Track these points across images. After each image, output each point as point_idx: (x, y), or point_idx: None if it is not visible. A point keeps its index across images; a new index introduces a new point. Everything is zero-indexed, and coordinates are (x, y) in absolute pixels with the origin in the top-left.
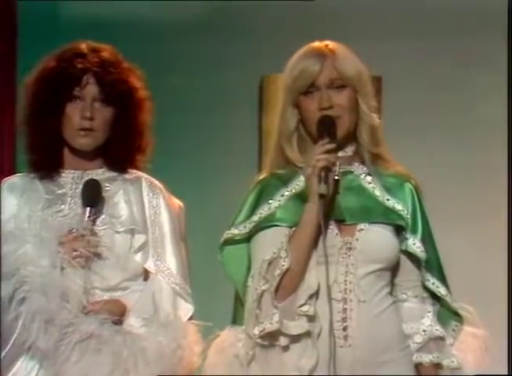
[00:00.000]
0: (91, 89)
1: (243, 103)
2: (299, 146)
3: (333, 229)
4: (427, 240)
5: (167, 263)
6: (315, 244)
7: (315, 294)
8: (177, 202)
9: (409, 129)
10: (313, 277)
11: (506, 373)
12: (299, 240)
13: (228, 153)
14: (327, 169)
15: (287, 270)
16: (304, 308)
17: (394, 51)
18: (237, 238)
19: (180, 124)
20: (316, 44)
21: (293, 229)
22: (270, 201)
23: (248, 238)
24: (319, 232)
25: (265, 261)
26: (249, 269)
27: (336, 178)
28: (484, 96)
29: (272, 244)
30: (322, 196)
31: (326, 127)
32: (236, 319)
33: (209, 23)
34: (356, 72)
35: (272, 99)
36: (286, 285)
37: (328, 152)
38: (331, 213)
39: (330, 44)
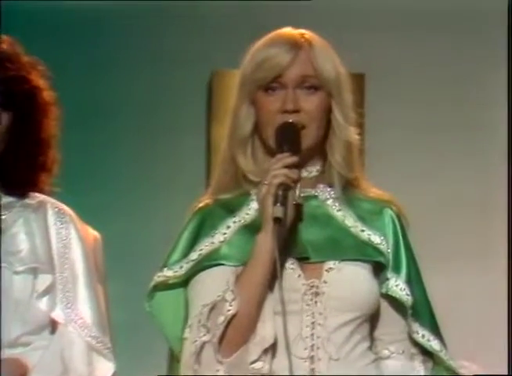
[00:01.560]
0: None
1: (187, 105)
2: (253, 156)
3: (294, 269)
4: (414, 280)
5: (80, 311)
6: (271, 284)
7: (271, 349)
8: (92, 233)
9: (394, 136)
10: (268, 328)
11: (506, 373)
12: (249, 279)
13: (167, 170)
14: (286, 187)
15: (234, 317)
16: (257, 365)
17: (377, 45)
18: (171, 282)
19: (100, 134)
20: (289, 30)
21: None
22: (213, 234)
23: (185, 282)
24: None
25: (205, 305)
26: (186, 320)
27: (296, 202)
28: (482, 99)
29: (215, 287)
30: (277, 220)
31: (288, 136)
32: None
33: (146, 10)
34: (335, 72)
35: (224, 100)
36: (233, 336)
37: (288, 167)
38: (291, 249)
39: (307, 33)
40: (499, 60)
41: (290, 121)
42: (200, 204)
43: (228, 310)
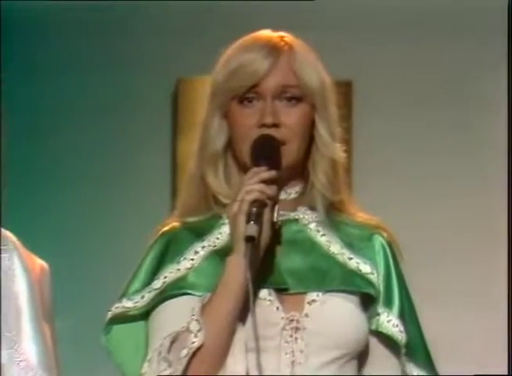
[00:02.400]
0: None
1: (149, 118)
2: (225, 176)
3: (272, 300)
4: (408, 315)
5: (24, 351)
6: (243, 314)
7: None
8: (39, 263)
9: (386, 152)
10: (239, 364)
11: (506, 373)
12: (218, 307)
13: (126, 190)
14: (260, 204)
15: (200, 349)
16: None
17: (367, 48)
18: (131, 313)
19: (48, 150)
20: (267, 32)
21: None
22: (179, 261)
23: (147, 313)
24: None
25: (167, 337)
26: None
27: (275, 220)
28: (481, 108)
29: (180, 319)
30: (250, 239)
31: (266, 150)
32: None
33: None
34: (320, 81)
35: (192, 111)
36: (197, 371)
37: (264, 182)
38: (268, 278)
39: (287, 36)
40: (498, 60)
41: (270, 134)
42: (165, 228)
43: (193, 342)
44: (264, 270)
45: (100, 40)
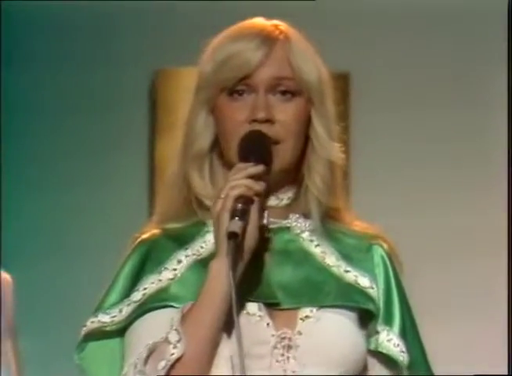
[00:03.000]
0: None
1: (125, 115)
2: (211, 177)
3: (262, 316)
4: (409, 333)
5: None
6: (229, 327)
7: None
8: (2, 275)
9: (385, 151)
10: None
11: (506, 373)
12: (199, 317)
13: (100, 195)
14: (246, 201)
15: (179, 361)
16: None
17: (367, 44)
18: (108, 329)
19: (16, 152)
20: (260, 20)
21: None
22: (160, 271)
23: (124, 329)
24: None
25: (143, 349)
26: None
27: (263, 224)
28: (481, 107)
29: (160, 333)
30: (232, 235)
31: (256, 146)
32: None
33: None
34: (317, 74)
35: (172, 106)
36: None
37: (251, 177)
38: (257, 291)
39: (282, 25)
40: (498, 61)
41: (260, 130)
42: (144, 235)
43: (172, 354)
44: (252, 282)
45: (70, 35)
